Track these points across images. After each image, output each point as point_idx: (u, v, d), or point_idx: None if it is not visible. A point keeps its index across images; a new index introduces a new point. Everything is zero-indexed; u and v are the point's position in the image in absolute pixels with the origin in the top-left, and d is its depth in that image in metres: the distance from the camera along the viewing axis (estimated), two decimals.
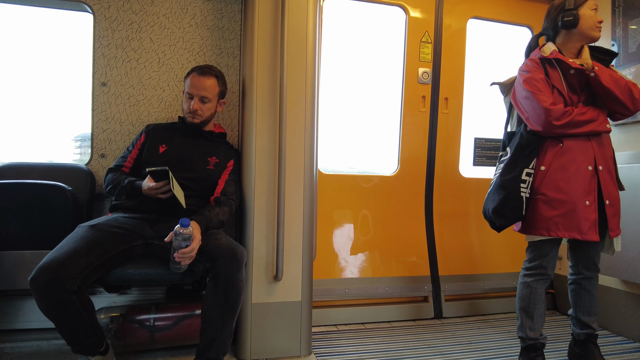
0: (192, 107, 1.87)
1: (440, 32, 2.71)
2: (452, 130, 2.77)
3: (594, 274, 1.87)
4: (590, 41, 1.77)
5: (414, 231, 2.71)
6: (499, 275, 2.81)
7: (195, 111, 1.88)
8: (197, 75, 1.89)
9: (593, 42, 1.78)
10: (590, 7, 1.74)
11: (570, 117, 1.66)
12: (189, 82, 1.89)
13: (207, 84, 1.88)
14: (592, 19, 1.73)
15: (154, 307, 1.96)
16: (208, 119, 1.95)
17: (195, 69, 1.91)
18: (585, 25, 1.74)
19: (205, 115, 1.92)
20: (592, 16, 1.73)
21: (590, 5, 1.74)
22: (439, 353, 2.10)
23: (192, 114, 1.89)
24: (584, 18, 1.73)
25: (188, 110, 1.89)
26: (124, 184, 1.76)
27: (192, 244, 1.52)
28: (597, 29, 1.75)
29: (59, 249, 1.48)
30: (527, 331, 1.82)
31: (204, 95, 1.88)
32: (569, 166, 1.68)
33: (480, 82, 2.81)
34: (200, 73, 1.89)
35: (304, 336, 1.99)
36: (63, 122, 2.39)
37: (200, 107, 1.89)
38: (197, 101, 1.88)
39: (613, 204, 1.71)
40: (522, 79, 1.75)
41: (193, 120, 1.90)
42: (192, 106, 1.87)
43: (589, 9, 1.74)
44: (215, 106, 1.96)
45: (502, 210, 1.75)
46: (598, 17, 1.74)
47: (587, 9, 1.74)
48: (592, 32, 1.74)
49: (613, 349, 2.17)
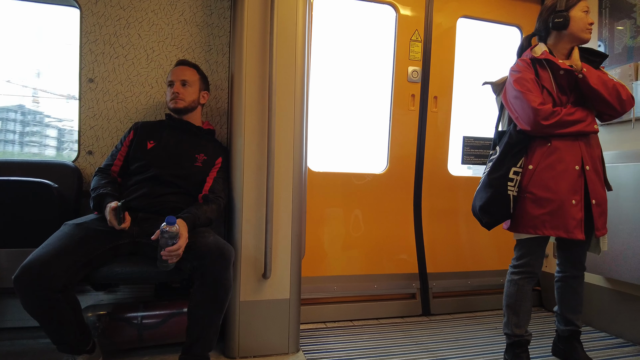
0: (173, 90, 1.90)
1: (430, 30, 2.71)
2: (441, 129, 2.78)
3: (580, 273, 1.91)
4: (581, 42, 1.79)
5: (403, 229, 2.72)
6: (487, 273, 2.84)
7: (177, 94, 1.89)
8: (176, 67, 1.98)
9: (583, 43, 1.79)
10: (581, 9, 1.75)
11: (559, 117, 1.68)
12: (169, 74, 1.96)
13: (187, 71, 1.95)
14: (583, 20, 1.75)
15: (142, 305, 1.95)
16: (191, 106, 1.94)
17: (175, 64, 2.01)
18: (576, 27, 1.75)
19: (188, 100, 1.92)
20: (583, 18, 1.75)
21: (582, 7, 1.75)
22: (427, 350, 2.13)
23: (174, 97, 1.90)
24: (575, 20, 1.75)
25: (170, 97, 1.91)
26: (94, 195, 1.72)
27: (178, 242, 1.52)
28: (587, 31, 1.76)
29: (43, 248, 1.47)
30: (513, 328, 1.84)
31: (184, 79, 1.92)
32: (556, 165, 1.70)
33: (470, 81, 2.83)
34: (177, 64, 1.99)
35: (292, 333, 2.00)
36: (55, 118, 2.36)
37: (180, 90, 1.90)
38: (178, 84, 1.90)
39: (599, 204, 1.73)
40: (513, 78, 1.77)
41: (176, 105, 1.90)
42: (173, 89, 1.90)
43: (580, 11, 1.75)
44: (198, 93, 1.96)
45: (489, 207, 1.77)
46: (589, 19, 1.76)
47: (578, 11, 1.75)
48: (582, 33, 1.76)
49: (597, 345, 2.21)
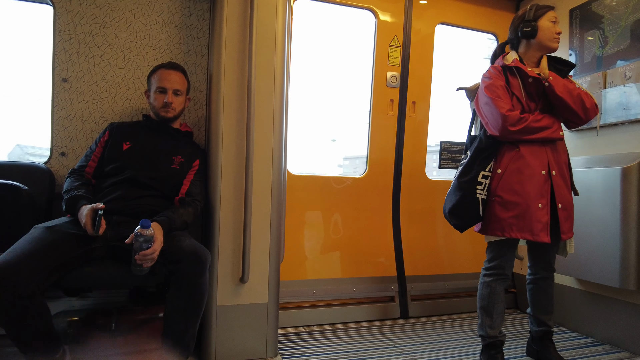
0: (167, 100, 1.85)
1: (409, 36, 2.75)
2: (419, 134, 2.82)
3: (550, 274, 1.96)
4: (549, 51, 1.85)
5: (381, 232, 2.74)
6: (463, 275, 2.88)
7: (170, 104, 1.87)
8: (167, 70, 1.90)
9: (551, 52, 1.85)
10: (549, 19, 1.81)
11: (526, 123, 1.73)
12: (159, 77, 1.88)
13: (178, 78, 1.91)
14: (550, 30, 1.80)
15: (116, 311, 1.90)
16: (179, 114, 1.95)
17: (162, 65, 1.93)
18: (543, 36, 1.80)
19: (178, 109, 1.92)
20: (550, 27, 1.80)
21: (549, 17, 1.81)
22: (404, 352, 2.14)
23: (167, 107, 1.87)
24: (542, 29, 1.80)
25: (161, 105, 1.87)
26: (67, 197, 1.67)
27: (153, 245, 1.49)
28: (554, 40, 1.82)
29: (11, 252, 1.42)
30: (487, 329, 1.87)
31: (177, 88, 1.90)
32: (523, 170, 1.75)
33: (447, 87, 2.88)
34: (169, 67, 1.91)
35: (270, 338, 1.98)
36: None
37: (174, 100, 1.88)
38: (170, 94, 1.87)
39: (565, 208, 1.79)
40: (484, 85, 1.82)
41: (167, 114, 1.88)
42: (167, 99, 1.86)
43: (548, 21, 1.81)
44: (184, 101, 1.97)
45: (457, 210, 1.81)
46: (557, 28, 1.81)
47: (546, 21, 1.81)
48: (549, 43, 1.82)
49: (568, 345, 2.27)
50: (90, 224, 1.54)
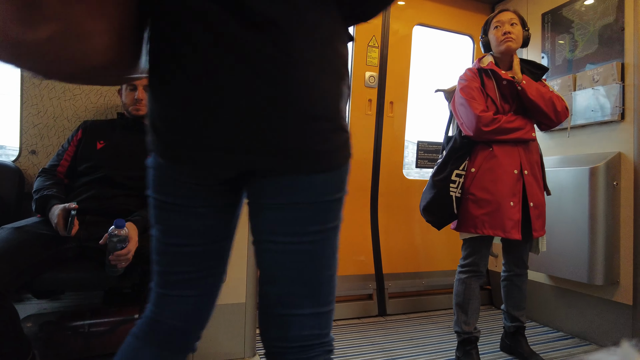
0: (137, 96, 1.81)
1: (387, 37, 2.78)
2: (396, 134, 2.86)
3: (523, 271, 2.01)
4: (505, 54, 1.89)
5: (360, 231, 2.77)
6: (440, 273, 2.93)
7: (140, 101, 1.82)
8: None
9: (508, 54, 1.89)
10: (493, 26, 1.89)
11: (499, 124, 1.78)
12: None
13: None
14: (496, 37, 1.87)
15: (89, 313, 1.85)
16: None
17: None
18: (494, 45, 1.89)
19: None
20: (495, 34, 1.87)
21: (494, 24, 1.89)
22: (383, 350, 2.17)
23: (137, 103, 1.82)
24: (491, 40, 1.90)
25: (131, 103, 1.83)
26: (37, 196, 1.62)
27: (128, 245, 1.46)
28: (501, 44, 1.86)
29: None
30: (462, 325, 1.91)
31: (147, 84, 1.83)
32: (496, 169, 1.80)
33: (425, 87, 2.93)
34: None
35: (248, 338, 1.97)
36: None
37: (144, 97, 1.83)
38: (141, 90, 1.83)
39: (537, 206, 1.84)
40: (460, 87, 1.86)
41: (138, 112, 1.83)
42: (137, 95, 1.81)
43: (493, 29, 1.89)
44: None
45: (432, 208, 1.86)
46: (503, 29, 1.86)
47: (492, 31, 1.89)
48: (499, 48, 1.88)
49: (540, 339, 2.34)
50: (63, 224, 1.49)
